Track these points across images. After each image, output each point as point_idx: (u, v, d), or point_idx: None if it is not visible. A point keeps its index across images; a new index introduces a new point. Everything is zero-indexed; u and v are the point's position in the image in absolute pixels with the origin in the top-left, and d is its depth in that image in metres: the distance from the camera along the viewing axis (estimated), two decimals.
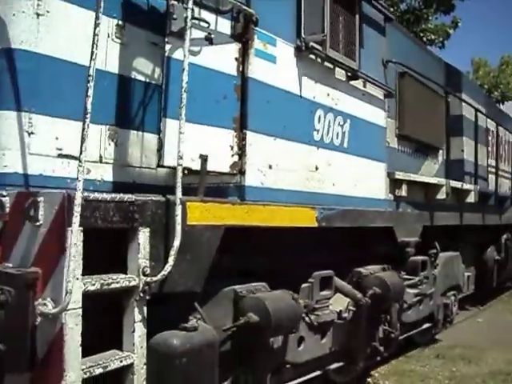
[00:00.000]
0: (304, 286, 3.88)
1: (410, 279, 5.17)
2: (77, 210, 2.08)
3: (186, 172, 2.71)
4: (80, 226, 2.19)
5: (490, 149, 8.32)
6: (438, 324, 6.17)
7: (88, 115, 2.21)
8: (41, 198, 2.29)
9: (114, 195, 2.40)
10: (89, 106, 2.24)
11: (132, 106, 3.09)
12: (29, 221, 2.28)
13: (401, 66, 5.36)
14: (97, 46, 2.29)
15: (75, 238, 2.08)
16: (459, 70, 7.91)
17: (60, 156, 2.75)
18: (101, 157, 2.93)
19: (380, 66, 4.70)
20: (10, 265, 2.43)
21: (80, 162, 2.22)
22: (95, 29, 2.30)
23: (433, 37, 14.18)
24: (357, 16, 4.07)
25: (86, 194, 2.27)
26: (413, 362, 5.72)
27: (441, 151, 6.94)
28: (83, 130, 2.21)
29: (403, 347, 5.83)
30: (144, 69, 3.12)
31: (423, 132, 6.16)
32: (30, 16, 2.67)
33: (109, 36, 2.99)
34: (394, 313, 4.79)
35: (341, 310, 4.28)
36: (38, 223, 2.28)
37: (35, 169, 2.64)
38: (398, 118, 5.59)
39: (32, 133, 2.64)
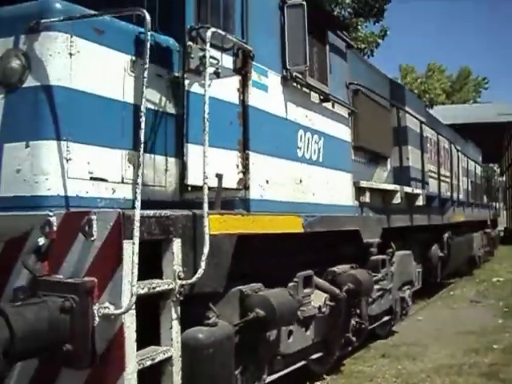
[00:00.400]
0: (290, 284, 4.40)
1: (374, 276, 5.82)
2: (137, 225, 2.50)
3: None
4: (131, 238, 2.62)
5: (429, 155, 9.27)
6: (396, 316, 6.89)
7: (142, 145, 2.64)
8: (94, 216, 2.68)
9: (154, 211, 2.83)
10: (142, 137, 2.66)
11: (144, 131, 3.50)
12: (84, 236, 2.66)
13: (357, 85, 6.04)
14: (146, 86, 2.72)
15: (137, 248, 2.50)
16: (402, 84, 8.79)
17: (91, 179, 3.12)
18: (122, 178, 3.32)
19: (344, 88, 5.35)
20: (61, 276, 2.80)
21: (137, 184, 2.64)
22: (143, 72, 2.73)
23: (363, 46, 14.33)
24: (327, 46, 4.69)
25: (118, 212, 2.68)
26: (360, 363, 5.80)
27: (389, 159, 7.73)
28: (138, 157, 2.63)
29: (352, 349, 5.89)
30: (152, 98, 3.53)
31: (374, 143, 6.88)
32: (64, 56, 3.04)
33: (125, 70, 3.38)
34: (364, 306, 5.43)
35: (320, 306, 4.85)
36: (92, 238, 2.67)
37: (72, 191, 3.01)
38: (353, 131, 6.26)
39: (70, 159, 3.01)
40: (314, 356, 4.93)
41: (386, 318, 6.64)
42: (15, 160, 2.99)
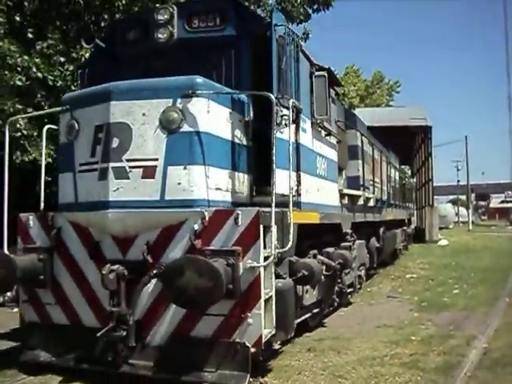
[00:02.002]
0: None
1: None
2: (273, 217, 4.58)
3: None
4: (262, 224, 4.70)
5: (371, 167, 11.90)
6: (355, 289, 9.33)
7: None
8: (240, 212, 4.71)
9: (268, 209, 4.87)
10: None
11: (234, 157, 5.53)
12: (235, 223, 4.68)
13: (337, 121, 8.36)
14: (239, 129, 4.79)
15: (274, 229, 4.58)
16: (353, 111, 11.32)
17: (216, 189, 5.14)
18: (227, 188, 5.36)
19: (334, 123, 7.65)
20: (213, 247, 4.78)
21: (272, 194, 4.70)
22: (274, 128, 4.80)
23: None
24: (330, 97, 6.96)
25: (262, 209, 4.74)
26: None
27: (344, 170, 10.17)
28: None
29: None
30: (237, 135, 5.59)
31: (339, 159, 9.28)
32: (205, 112, 5.03)
33: (227, 119, 5.42)
34: (344, 276, 7.77)
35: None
36: (238, 224, 4.70)
37: (210, 196, 5.02)
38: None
39: (208, 177, 5.02)
40: (315, 310, 7.15)
41: (349, 290, 9.03)
42: (176, 177, 4.93)
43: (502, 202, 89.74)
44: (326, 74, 6.25)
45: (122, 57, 6.49)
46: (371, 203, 10.10)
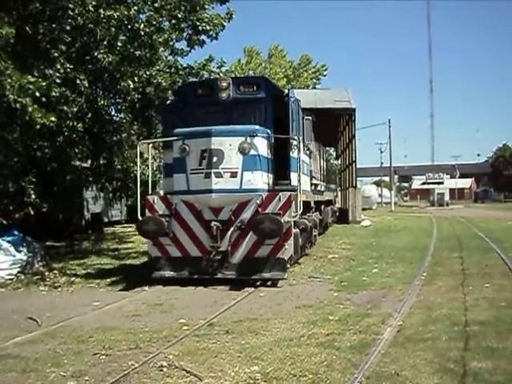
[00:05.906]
0: None
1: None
2: (299, 196, 10.09)
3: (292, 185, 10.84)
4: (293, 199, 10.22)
5: (315, 161, 17.70)
6: (312, 243, 15.07)
7: (308, 173, 10.27)
8: (281, 194, 10.21)
9: (292, 192, 10.33)
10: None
11: (268, 165, 10.94)
12: (279, 200, 10.11)
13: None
14: (271, 149, 10.33)
15: (300, 203, 10.10)
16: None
17: (264, 183, 10.63)
18: (266, 182, 10.83)
19: (312, 141, 13.28)
20: (267, 212, 10.21)
21: (299, 182, 10.21)
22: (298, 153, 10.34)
23: (208, 27, 14.45)
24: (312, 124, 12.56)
25: (290, 193, 10.24)
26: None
27: None
28: (299, 176, 10.22)
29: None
30: (269, 153, 11.06)
31: None
32: (261, 144, 10.54)
33: (266, 145, 10.84)
34: (312, 234, 13.48)
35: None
36: (280, 200, 10.16)
37: (264, 187, 10.48)
38: None
39: (262, 176, 10.48)
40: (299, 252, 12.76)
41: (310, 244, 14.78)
42: (248, 177, 10.48)
43: (423, 183, 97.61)
44: (311, 118, 11.84)
45: (192, 104, 11.58)
46: (322, 188, 15.91)
